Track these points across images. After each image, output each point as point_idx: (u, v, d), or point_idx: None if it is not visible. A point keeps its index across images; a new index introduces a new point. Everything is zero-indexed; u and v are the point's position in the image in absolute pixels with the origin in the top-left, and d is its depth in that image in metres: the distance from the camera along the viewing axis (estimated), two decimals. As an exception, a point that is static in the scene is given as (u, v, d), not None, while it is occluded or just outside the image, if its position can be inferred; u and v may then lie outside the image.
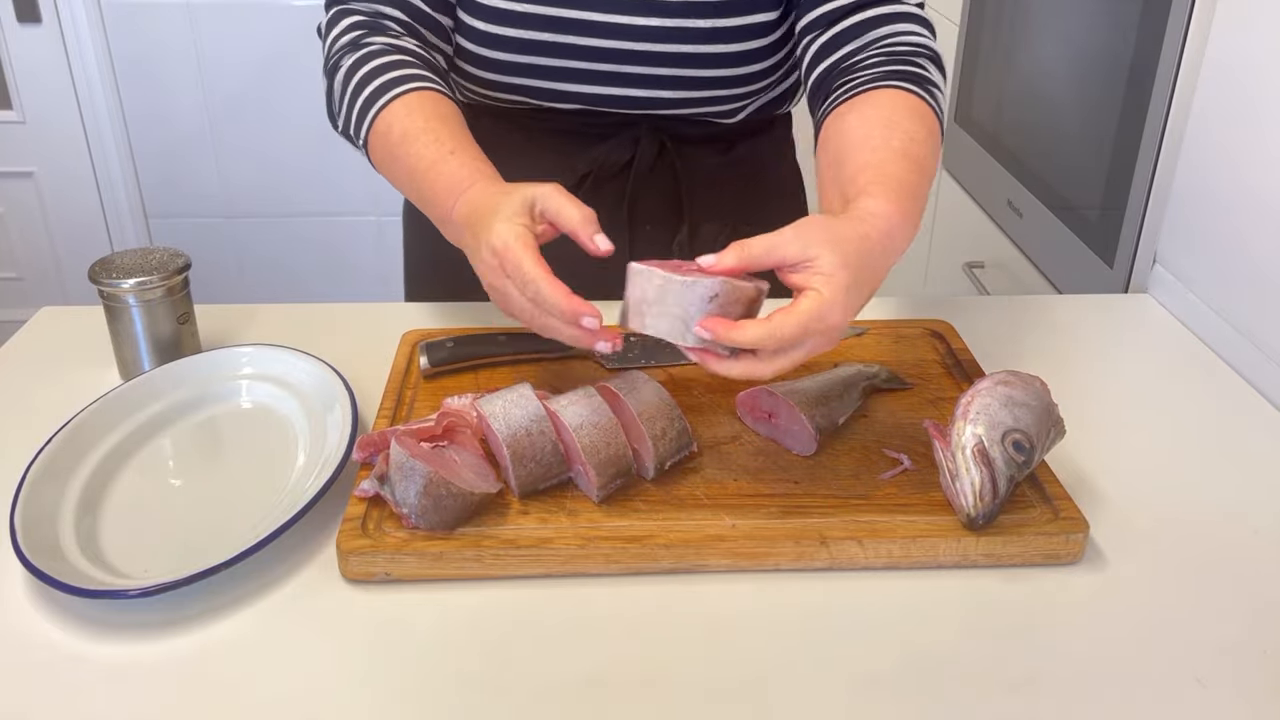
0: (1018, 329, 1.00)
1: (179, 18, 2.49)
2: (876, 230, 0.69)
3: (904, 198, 0.72)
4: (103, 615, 0.64)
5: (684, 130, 1.02)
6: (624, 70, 0.95)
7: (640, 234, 1.05)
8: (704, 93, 0.97)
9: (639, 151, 1.02)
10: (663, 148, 1.02)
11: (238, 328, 0.97)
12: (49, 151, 2.60)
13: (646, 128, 1.01)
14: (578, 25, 0.93)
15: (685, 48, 0.93)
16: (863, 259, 0.67)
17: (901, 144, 0.77)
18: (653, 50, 0.94)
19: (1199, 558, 0.70)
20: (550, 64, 0.95)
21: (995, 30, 1.66)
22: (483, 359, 0.87)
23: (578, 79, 0.96)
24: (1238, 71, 0.99)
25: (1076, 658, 0.62)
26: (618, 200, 1.03)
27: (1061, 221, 1.37)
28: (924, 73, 0.85)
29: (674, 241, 1.06)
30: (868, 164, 0.75)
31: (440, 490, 0.66)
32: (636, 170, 1.02)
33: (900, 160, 0.76)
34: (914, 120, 0.79)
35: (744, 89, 0.98)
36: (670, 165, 1.03)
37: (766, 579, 0.67)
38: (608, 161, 1.02)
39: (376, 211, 2.72)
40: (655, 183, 1.04)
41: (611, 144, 1.01)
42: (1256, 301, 0.94)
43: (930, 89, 0.84)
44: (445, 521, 0.68)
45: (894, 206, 0.71)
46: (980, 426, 0.69)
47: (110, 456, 0.77)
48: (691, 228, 1.06)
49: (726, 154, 1.06)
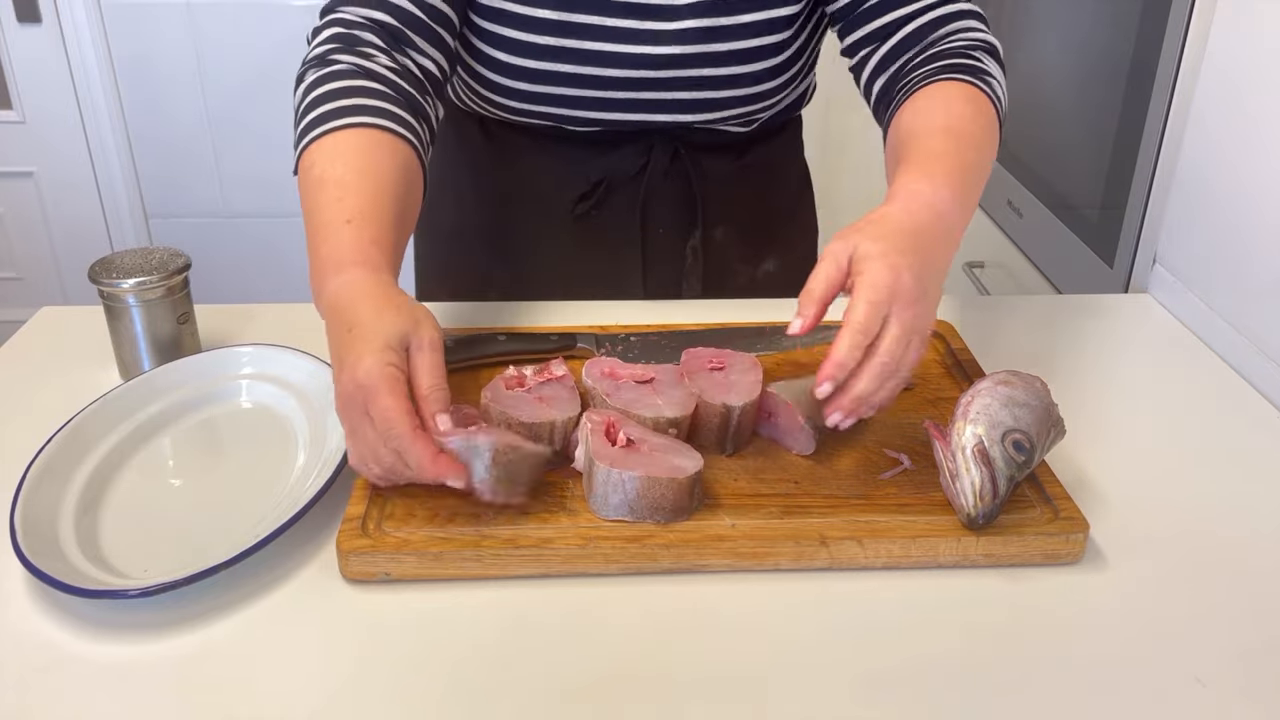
0: (1018, 329, 1.00)
1: (179, 18, 2.49)
2: (913, 202, 0.73)
3: (939, 168, 0.75)
4: (103, 615, 0.64)
5: (698, 138, 1.02)
6: (641, 97, 0.95)
7: (654, 238, 1.05)
8: (718, 114, 0.97)
9: (652, 159, 1.01)
10: (676, 154, 1.02)
11: (238, 328, 0.97)
12: (49, 151, 2.60)
13: (660, 137, 1.01)
14: (595, 57, 0.92)
15: (697, 72, 0.93)
16: (900, 226, 0.70)
17: (944, 121, 0.80)
18: (665, 77, 0.93)
19: (1199, 557, 0.70)
20: (567, 93, 0.94)
21: (995, 30, 1.66)
22: (483, 359, 0.88)
23: (594, 106, 0.95)
24: (1237, 71, 0.99)
25: (1076, 658, 0.62)
26: (631, 206, 1.03)
27: (1061, 221, 1.37)
28: (978, 64, 0.86)
29: (687, 246, 1.06)
30: (912, 149, 0.79)
31: (509, 455, 0.67)
32: (650, 177, 1.02)
33: (941, 136, 0.79)
34: (963, 102, 0.82)
35: (759, 105, 0.98)
36: (684, 171, 1.03)
37: (766, 579, 0.67)
38: (621, 169, 1.01)
39: (376, 211, 2.71)
40: (669, 188, 1.03)
41: (625, 151, 1.01)
42: (1256, 301, 0.94)
43: (985, 78, 0.85)
44: (519, 488, 0.68)
45: (925, 178, 0.74)
46: (980, 426, 0.69)
47: (110, 456, 0.77)
48: (705, 232, 1.06)
49: (740, 159, 1.06)
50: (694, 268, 1.07)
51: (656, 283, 1.07)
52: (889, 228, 0.70)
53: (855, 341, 0.66)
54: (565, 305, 1.00)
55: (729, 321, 0.95)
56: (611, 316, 0.97)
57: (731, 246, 1.08)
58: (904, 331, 0.67)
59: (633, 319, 0.96)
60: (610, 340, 0.91)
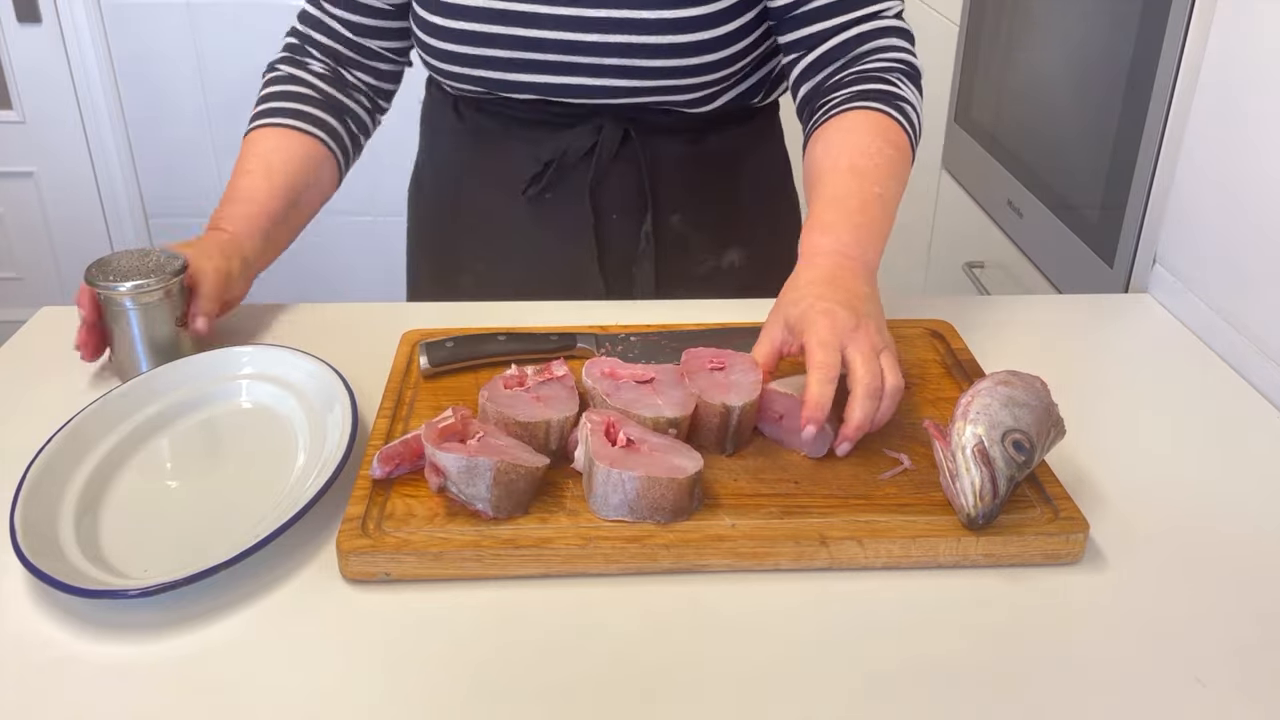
0: (1018, 329, 1.00)
1: (179, 18, 2.49)
2: (816, 257, 0.83)
3: (838, 214, 0.85)
4: (103, 615, 0.64)
5: (650, 119, 1.02)
6: (574, 60, 0.96)
7: (607, 223, 1.06)
8: (657, 82, 0.97)
9: (602, 139, 1.02)
10: (626, 136, 1.03)
11: (238, 328, 0.97)
12: (49, 151, 2.61)
13: (610, 116, 1.01)
14: (524, 17, 0.94)
15: (633, 38, 0.94)
16: (811, 280, 0.80)
17: (849, 160, 0.88)
18: (601, 41, 0.95)
19: (1199, 557, 0.70)
20: (500, 55, 0.96)
21: (995, 30, 1.66)
22: (483, 359, 0.88)
23: (529, 69, 0.97)
24: (1237, 72, 0.99)
25: (1077, 658, 0.62)
26: (581, 188, 1.04)
27: (1061, 221, 1.37)
28: (895, 89, 0.93)
29: (640, 231, 1.06)
30: (817, 194, 0.88)
31: (510, 475, 0.68)
32: (599, 158, 1.03)
33: (845, 175, 0.87)
34: (870, 135, 0.89)
35: (702, 78, 0.98)
36: (634, 155, 1.03)
37: (766, 579, 0.67)
38: (571, 149, 1.02)
39: (376, 211, 2.72)
40: (619, 171, 1.04)
41: (576, 131, 1.02)
42: (1256, 301, 0.94)
43: (899, 104, 0.92)
44: (521, 503, 0.69)
45: (823, 231, 0.84)
46: (980, 426, 0.69)
47: (110, 456, 0.77)
48: (657, 218, 1.06)
49: (696, 144, 1.06)
50: (646, 252, 1.07)
51: (611, 269, 1.08)
52: (802, 287, 0.80)
53: (821, 377, 0.72)
54: (565, 305, 1.00)
55: (729, 321, 0.95)
56: (612, 316, 0.97)
57: (691, 235, 1.08)
58: (865, 353, 0.74)
59: (633, 319, 0.96)
60: (610, 340, 0.91)
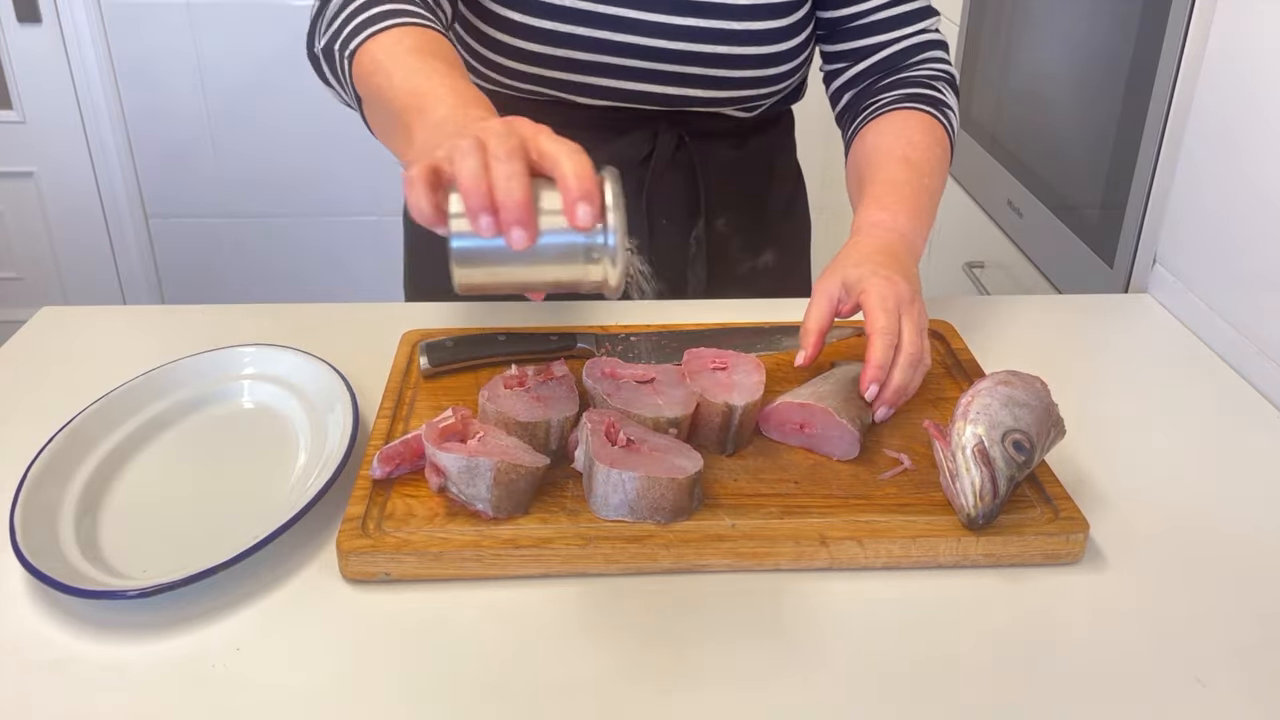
0: (1018, 329, 1.00)
1: (179, 18, 2.49)
2: (875, 230, 0.87)
3: (895, 197, 0.89)
4: (103, 615, 0.64)
5: (701, 124, 1.03)
6: (654, 68, 0.96)
7: (658, 228, 1.05)
8: (729, 92, 0.98)
9: (657, 145, 1.02)
10: (680, 142, 1.03)
11: (238, 328, 0.97)
12: (49, 151, 2.61)
13: (665, 122, 1.01)
14: (611, 21, 0.93)
15: (716, 48, 0.95)
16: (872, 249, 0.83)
17: (903, 151, 0.92)
18: (684, 49, 0.95)
19: (1199, 557, 0.70)
20: (580, 57, 0.95)
21: (995, 30, 1.66)
22: (483, 359, 0.88)
23: (606, 73, 0.96)
24: (1238, 72, 0.99)
25: (1076, 658, 0.62)
26: (635, 195, 1.03)
27: (1061, 221, 1.37)
28: (938, 95, 0.98)
29: (691, 236, 1.06)
30: (872, 177, 0.92)
31: (510, 475, 0.68)
32: (655, 164, 1.02)
33: (899, 164, 0.91)
34: (921, 132, 0.94)
35: (768, 89, 1.00)
36: (688, 159, 1.04)
37: (766, 579, 0.67)
38: (625, 156, 1.01)
39: (376, 211, 2.72)
40: (672, 177, 1.04)
41: (630, 138, 1.01)
42: (1256, 301, 0.94)
43: (945, 110, 0.97)
44: (521, 503, 0.69)
45: (882, 210, 0.88)
46: (980, 426, 0.69)
47: (110, 457, 0.77)
48: (708, 222, 1.07)
49: (740, 148, 1.07)
50: (698, 257, 1.07)
51: (662, 273, 1.07)
52: (864, 253, 0.83)
53: (886, 343, 0.76)
54: (565, 305, 1.00)
55: (728, 321, 0.95)
56: (612, 316, 0.97)
57: (732, 237, 1.09)
58: (915, 325, 0.78)
59: (633, 319, 0.96)
60: (610, 340, 0.91)
